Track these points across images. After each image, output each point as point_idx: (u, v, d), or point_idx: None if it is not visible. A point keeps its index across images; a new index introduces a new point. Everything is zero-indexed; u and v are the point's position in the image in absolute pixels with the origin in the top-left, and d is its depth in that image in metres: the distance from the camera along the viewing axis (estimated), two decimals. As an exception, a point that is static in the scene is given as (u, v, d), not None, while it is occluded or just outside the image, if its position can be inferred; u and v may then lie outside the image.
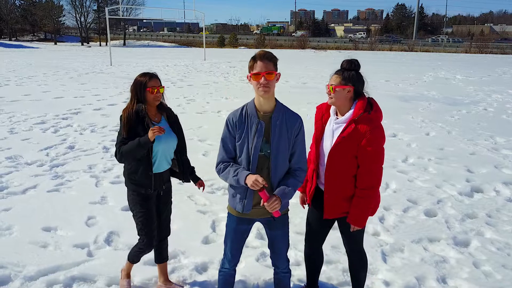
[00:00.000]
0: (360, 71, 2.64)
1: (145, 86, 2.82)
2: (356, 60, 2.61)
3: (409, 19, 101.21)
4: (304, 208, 3.04)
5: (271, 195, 2.36)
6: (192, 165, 3.20)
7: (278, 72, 2.40)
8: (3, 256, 3.61)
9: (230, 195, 2.57)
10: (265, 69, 2.32)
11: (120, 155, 2.84)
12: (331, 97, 2.59)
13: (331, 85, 2.58)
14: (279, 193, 2.39)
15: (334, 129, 2.63)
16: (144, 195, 2.93)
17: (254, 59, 2.37)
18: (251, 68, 2.38)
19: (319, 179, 2.78)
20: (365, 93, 2.67)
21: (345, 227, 2.76)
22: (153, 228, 2.98)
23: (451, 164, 6.45)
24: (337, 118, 2.64)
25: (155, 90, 2.84)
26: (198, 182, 3.18)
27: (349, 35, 74.43)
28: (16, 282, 3.27)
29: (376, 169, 2.58)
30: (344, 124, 2.57)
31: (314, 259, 3.06)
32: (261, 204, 2.40)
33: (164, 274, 3.29)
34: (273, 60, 2.37)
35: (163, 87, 2.95)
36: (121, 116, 2.88)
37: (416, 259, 3.71)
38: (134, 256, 3.08)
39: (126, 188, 3.01)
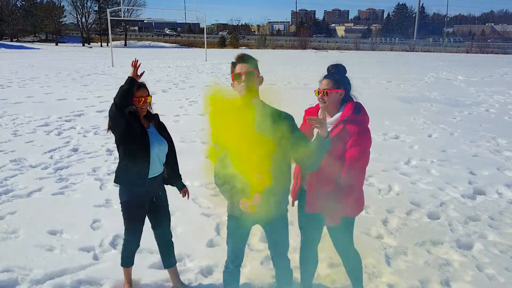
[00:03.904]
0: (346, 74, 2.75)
1: (132, 95, 2.85)
2: (342, 64, 2.74)
3: (410, 19, 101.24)
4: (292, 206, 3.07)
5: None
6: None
7: (260, 75, 2.44)
8: (9, 259, 3.65)
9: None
10: (245, 69, 2.37)
11: (113, 104, 2.81)
12: (325, 101, 2.67)
13: (324, 89, 2.65)
14: None
15: None
16: (137, 200, 2.98)
17: (233, 64, 2.44)
18: (232, 72, 2.44)
19: (304, 180, 2.82)
20: (352, 97, 2.75)
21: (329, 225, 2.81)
22: (139, 230, 3.11)
23: (454, 166, 6.47)
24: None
25: (142, 100, 2.89)
26: (183, 190, 3.27)
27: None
28: (23, 285, 3.31)
29: (357, 169, 2.63)
30: (333, 125, 2.65)
31: (307, 261, 3.09)
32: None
33: (176, 277, 3.34)
34: (250, 62, 2.40)
35: (151, 96, 3.00)
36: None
37: (419, 262, 3.73)
38: (126, 257, 3.17)
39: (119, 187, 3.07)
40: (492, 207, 4.96)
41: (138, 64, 2.85)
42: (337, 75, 2.68)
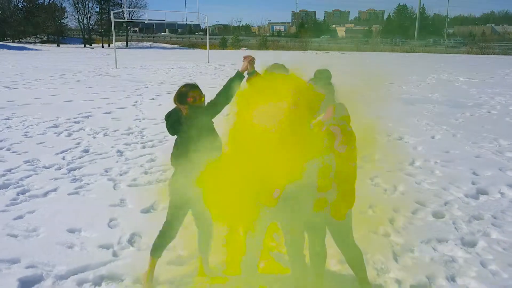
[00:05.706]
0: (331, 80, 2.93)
1: (186, 96, 3.11)
2: (328, 70, 2.94)
3: (410, 19, 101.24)
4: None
5: None
6: None
7: None
8: (33, 256, 3.80)
9: None
10: None
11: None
12: None
13: None
14: None
15: None
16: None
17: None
18: None
19: None
20: (336, 100, 2.93)
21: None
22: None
23: (457, 167, 6.62)
24: None
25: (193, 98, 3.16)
26: None
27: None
28: (48, 281, 3.46)
29: (349, 166, 2.78)
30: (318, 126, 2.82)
31: (315, 255, 3.20)
32: None
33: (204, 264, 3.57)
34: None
35: (204, 95, 3.22)
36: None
37: (426, 259, 3.88)
38: (157, 248, 3.32)
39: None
40: (494, 207, 5.11)
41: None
42: (320, 80, 2.88)
